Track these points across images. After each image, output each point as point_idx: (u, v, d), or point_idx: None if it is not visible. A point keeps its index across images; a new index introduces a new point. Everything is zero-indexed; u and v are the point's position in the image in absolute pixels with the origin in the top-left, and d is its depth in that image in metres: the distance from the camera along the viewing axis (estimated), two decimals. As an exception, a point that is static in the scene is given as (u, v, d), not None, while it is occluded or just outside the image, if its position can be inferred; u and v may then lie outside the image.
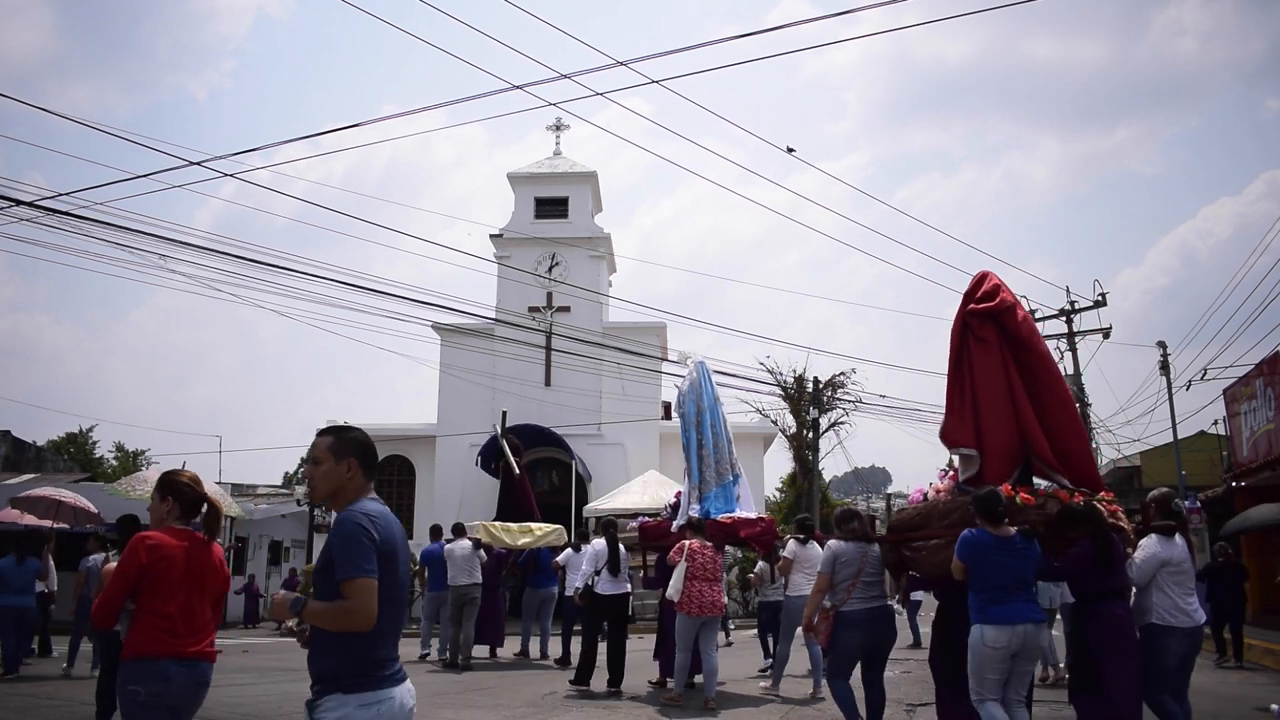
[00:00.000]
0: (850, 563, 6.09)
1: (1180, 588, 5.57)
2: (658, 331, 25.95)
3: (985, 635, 5.03)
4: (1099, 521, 5.34)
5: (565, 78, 9.30)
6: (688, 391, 9.91)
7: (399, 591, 2.91)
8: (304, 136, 23.83)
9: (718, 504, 9.40)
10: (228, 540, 21.62)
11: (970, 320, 6.23)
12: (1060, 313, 23.72)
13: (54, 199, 10.96)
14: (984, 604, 5.10)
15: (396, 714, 2.82)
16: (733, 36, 8.80)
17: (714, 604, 8.23)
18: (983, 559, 5.11)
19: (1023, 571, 5.14)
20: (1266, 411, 16.12)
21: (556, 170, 27.98)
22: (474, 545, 12.12)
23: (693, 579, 8.15)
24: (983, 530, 5.17)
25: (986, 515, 5.16)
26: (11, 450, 29.27)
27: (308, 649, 2.87)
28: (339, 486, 2.95)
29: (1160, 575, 5.57)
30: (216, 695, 8.79)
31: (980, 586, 5.13)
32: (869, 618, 6.07)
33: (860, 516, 6.47)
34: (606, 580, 9.52)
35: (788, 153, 12.48)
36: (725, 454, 9.73)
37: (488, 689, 9.45)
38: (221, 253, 12.37)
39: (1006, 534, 5.16)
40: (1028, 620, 5.04)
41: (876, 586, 6.17)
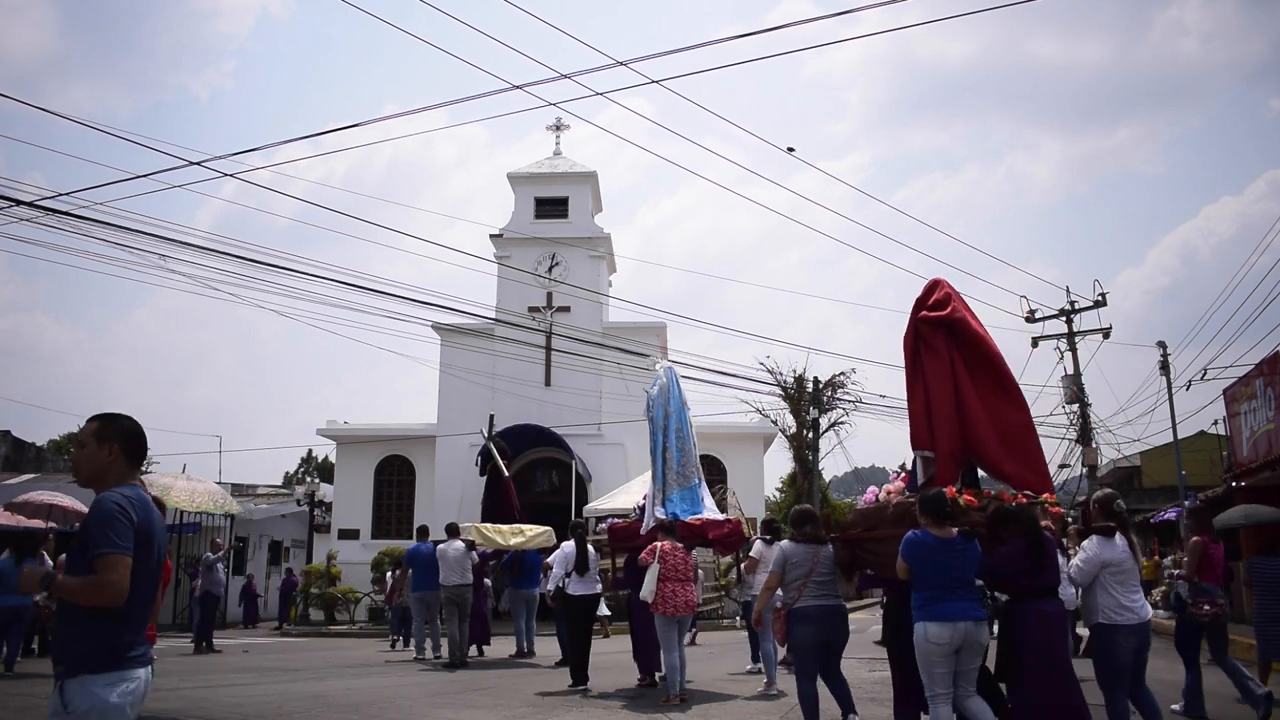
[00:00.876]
0: (801, 564, 6.33)
1: (1123, 586, 5.74)
2: (658, 331, 25.94)
3: (928, 632, 5.23)
4: (1030, 522, 5.50)
5: (565, 78, 9.31)
6: (657, 396, 10.10)
7: (151, 579, 3.01)
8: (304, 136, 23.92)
9: (682, 506, 9.64)
10: (228, 540, 21.63)
11: (921, 328, 6.48)
12: (1060, 313, 23.70)
13: (54, 199, 10.97)
14: (926, 602, 5.30)
15: (140, 694, 2.98)
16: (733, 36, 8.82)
17: (688, 603, 8.45)
18: (925, 559, 5.31)
19: (964, 571, 5.34)
20: (1266, 411, 16.12)
21: (556, 170, 27.98)
22: (467, 546, 12.28)
23: (666, 580, 8.36)
24: (925, 531, 5.37)
25: (931, 516, 5.37)
26: (11, 450, 29.27)
27: (52, 625, 3.06)
28: (100, 469, 3.04)
29: (1103, 575, 5.73)
30: (217, 695, 8.83)
31: (923, 585, 5.33)
32: (821, 614, 6.29)
33: (815, 519, 6.64)
34: (576, 581, 9.77)
35: (788, 152, 12.50)
36: (691, 458, 10.03)
37: (488, 689, 9.45)
38: (221, 253, 12.37)
39: (948, 535, 5.35)
40: (968, 618, 5.23)
41: (829, 585, 6.38)
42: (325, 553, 23.86)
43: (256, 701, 8.31)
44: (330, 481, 32.00)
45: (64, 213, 10.84)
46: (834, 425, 29.35)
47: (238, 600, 23.04)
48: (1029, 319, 23.98)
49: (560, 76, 9.34)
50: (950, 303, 6.48)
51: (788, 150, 12.49)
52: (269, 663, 12.57)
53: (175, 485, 13.49)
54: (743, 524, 10.76)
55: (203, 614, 14.50)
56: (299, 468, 54.84)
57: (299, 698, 8.59)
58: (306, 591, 22.64)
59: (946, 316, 6.40)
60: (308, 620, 22.08)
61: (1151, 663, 6.04)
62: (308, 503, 26.15)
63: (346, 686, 9.54)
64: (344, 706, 8.03)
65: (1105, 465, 29.07)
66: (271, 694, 8.87)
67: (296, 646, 16.30)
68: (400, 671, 11.26)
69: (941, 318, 6.41)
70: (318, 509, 26.96)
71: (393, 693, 9.03)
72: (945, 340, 6.36)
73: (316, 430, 28.69)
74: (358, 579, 22.84)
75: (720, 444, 27.42)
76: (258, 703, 8.23)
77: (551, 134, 28.88)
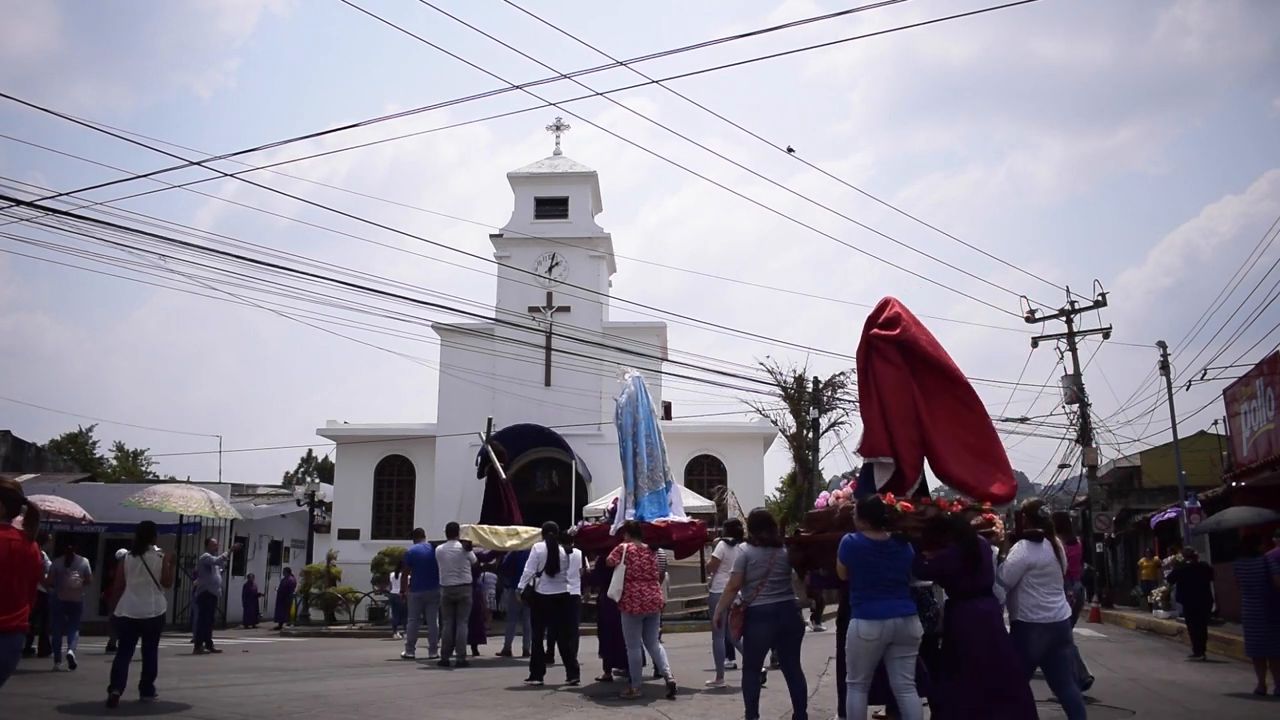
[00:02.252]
0: (759, 564, 6.73)
1: (1045, 588, 6.14)
2: (657, 331, 25.95)
3: (859, 629, 5.67)
4: (964, 529, 6.01)
5: (565, 78, 9.31)
6: (625, 405, 10.47)
7: None
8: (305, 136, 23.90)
9: (651, 509, 10.05)
10: (228, 540, 21.64)
11: (875, 342, 6.88)
12: (1060, 313, 23.71)
13: (54, 199, 10.97)
14: (859, 600, 5.72)
15: None
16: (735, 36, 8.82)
17: (654, 601, 8.80)
18: (860, 560, 5.72)
19: (896, 571, 5.73)
20: (1266, 411, 16.11)
21: (556, 170, 27.98)
22: (465, 547, 12.47)
23: (632, 579, 8.69)
24: (861, 535, 5.78)
25: (868, 520, 5.79)
26: (11, 450, 29.25)
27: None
28: None
29: (1027, 577, 6.14)
30: (217, 695, 8.82)
31: (857, 584, 5.75)
32: (776, 611, 6.70)
33: (771, 524, 7.10)
34: (546, 581, 10.03)
35: (787, 152, 12.50)
36: (659, 462, 10.40)
37: (488, 689, 9.45)
38: (221, 253, 12.37)
39: (882, 538, 5.75)
40: (897, 615, 5.62)
41: (784, 584, 6.80)
42: (325, 553, 23.86)
43: (256, 701, 8.31)
44: (330, 481, 32.01)
45: (64, 213, 10.84)
46: (834, 425, 29.39)
47: (239, 600, 23.03)
48: (1029, 319, 23.99)
49: (560, 76, 9.34)
50: (900, 321, 6.88)
51: (787, 150, 12.49)
52: (269, 663, 12.57)
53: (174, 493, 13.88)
54: (706, 527, 11.05)
55: (202, 614, 14.52)
56: (299, 468, 54.87)
57: (299, 698, 8.58)
58: (306, 591, 22.63)
59: (897, 336, 6.80)
60: (308, 620, 22.08)
61: (1150, 661, 6.14)
62: (308, 503, 26.12)
63: (346, 686, 9.54)
64: (344, 706, 8.03)
65: (1105, 465, 29.06)
66: (271, 694, 8.87)
67: (296, 646, 16.30)
68: (400, 671, 11.26)
69: (892, 336, 6.82)
70: (318, 509, 26.94)
71: (393, 693, 9.03)
72: (898, 353, 6.76)
73: (316, 430, 28.70)
74: (358, 579, 22.84)
75: (720, 444, 27.44)
76: (258, 703, 8.23)
77: (552, 134, 28.95)
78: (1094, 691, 8.60)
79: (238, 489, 27.73)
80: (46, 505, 15.10)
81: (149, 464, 45.36)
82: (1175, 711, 7.81)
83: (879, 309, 7.12)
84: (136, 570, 8.51)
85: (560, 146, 28.97)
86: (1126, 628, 19.03)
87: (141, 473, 42.89)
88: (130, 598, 8.43)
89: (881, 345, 6.84)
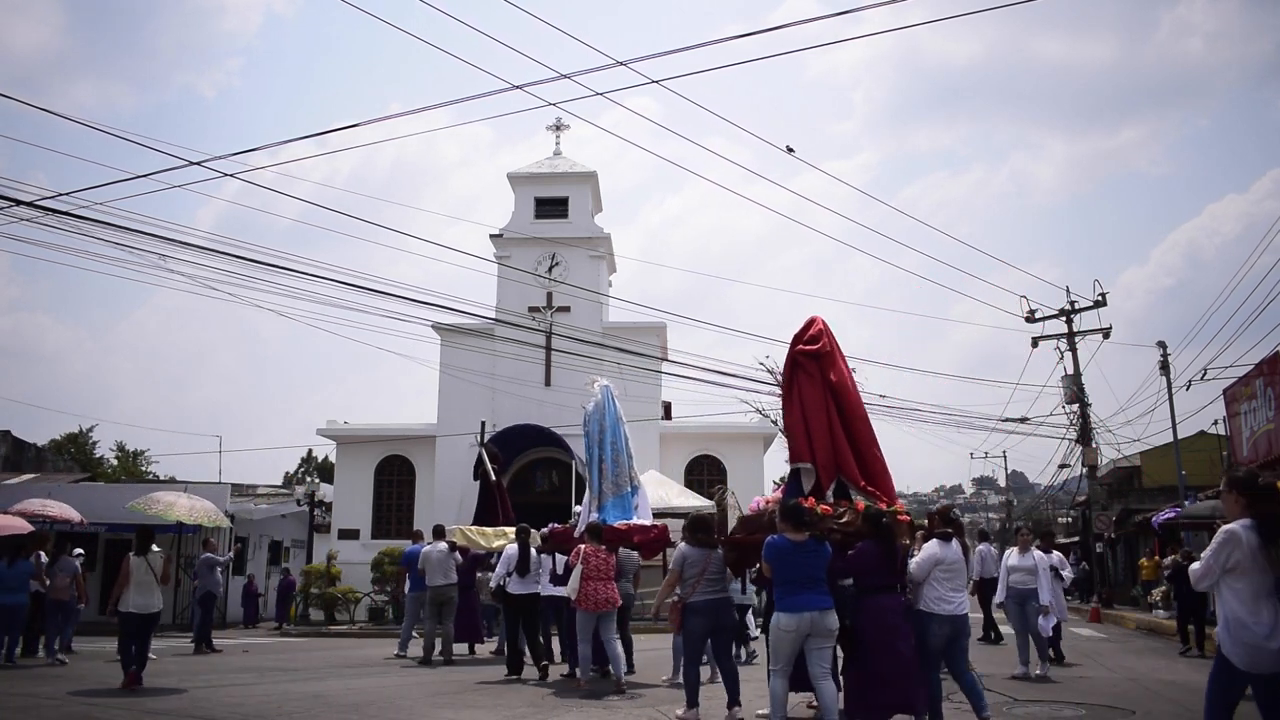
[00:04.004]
0: (696, 563, 7.34)
1: (949, 583, 6.64)
2: (658, 331, 25.94)
3: (780, 621, 6.13)
4: (887, 530, 6.56)
5: (565, 78, 9.31)
6: (593, 413, 11.00)
7: None
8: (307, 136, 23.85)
9: (615, 513, 10.56)
10: (229, 542, 21.64)
11: (799, 358, 7.51)
12: (1060, 313, 23.70)
13: (54, 199, 10.95)
14: (780, 595, 6.20)
15: None
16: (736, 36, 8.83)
17: (608, 600, 9.21)
18: (782, 559, 6.18)
19: (814, 569, 6.18)
20: (1266, 411, 16.12)
21: (556, 170, 27.98)
22: (450, 548, 12.71)
23: (588, 579, 9.11)
24: (782, 536, 6.24)
25: (789, 522, 6.25)
26: (11, 450, 29.25)
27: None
28: None
29: (935, 572, 6.62)
30: (217, 695, 8.82)
31: (779, 581, 6.22)
32: (711, 607, 7.33)
33: (709, 526, 7.68)
34: (516, 581, 10.51)
35: (787, 152, 12.49)
36: (624, 468, 10.94)
37: (488, 689, 9.46)
38: (221, 253, 12.35)
39: (802, 539, 6.20)
40: (814, 609, 6.08)
41: (719, 582, 7.42)
42: (325, 553, 23.86)
43: (256, 701, 8.31)
44: (330, 481, 32.00)
45: (64, 213, 10.82)
46: (834, 425, 29.27)
47: (239, 600, 23.03)
48: (1029, 319, 23.99)
49: (560, 76, 9.34)
50: (822, 339, 7.57)
51: (787, 150, 12.49)
52: (269, 663, 12.57)
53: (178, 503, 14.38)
54: (668, 529, 11.34)
55: (203, 614, 14.54)
56: (299, 468, 54.86)
57: (299, 698, 8.58)
58: (306, 591, 22.63)
59: (818, 350, 7.49)
60: (308, 620, 22.08)
61: (1149, 661, 6.20)
62: (308, 503, 26.11)
63: (346, 686, 9.54)
64: (344, 706, 8.03)
65: (1105, 465, 29.05)
66: (271, 694, 8.87)
67: (296, 646, 16.30)
68: (400, 671, 11.26)
69: (815, 351, 7.49)
70: (318, 509, 26.93)
71: (393, 693, 9.04)
72: (819, 369, 7.41)
73: (316, 430, 28.69)
74: (358, 579, 22.83)
75: (720, 444, 27.43)
76: (258, 703, 8.23)
77: (552, 134, 28.94)
78: (1095, 691, 8.60)
79: (238, 489, 27.71)
80: (47, 510, 15.49)
81: (149, 464, 45.33)
82: (1175, 711, 7.81)
83: (805, 327, 7.74)
84: (140, 570, 9.39)
85: (560, 146, 28.98)
86: (1126, 628, 19.03)
87: (141, 473, 42.84)
88: (133, 594, 9.29)
89: (805, 361, 7.48)
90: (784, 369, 7.70)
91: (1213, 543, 4.58)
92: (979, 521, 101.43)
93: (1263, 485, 4.53)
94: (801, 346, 7.58)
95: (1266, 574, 4.38)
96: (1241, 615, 4.41)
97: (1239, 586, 4.42)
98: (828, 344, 7.56)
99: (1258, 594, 4.39)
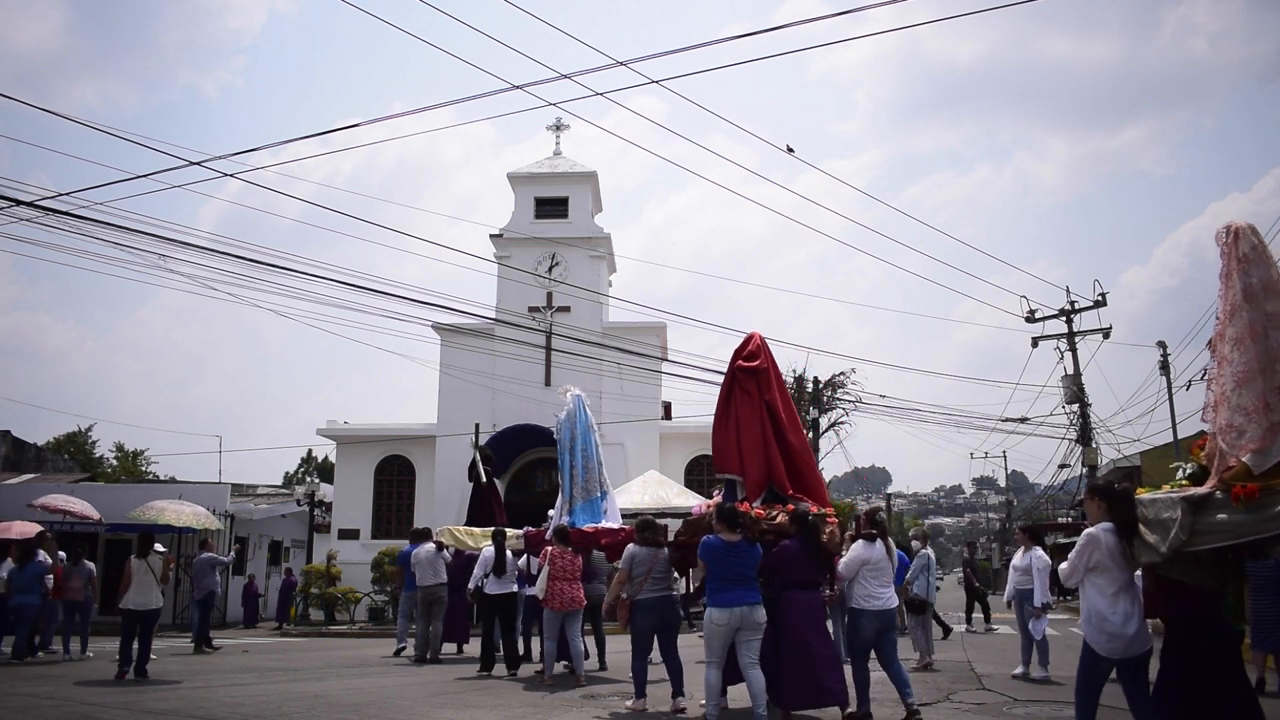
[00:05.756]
0: (643, 563, 7.80)
1: (875, 581, 7.12)
2: (658, 331, 25.93)
3: (712, 615, 6.61)
4: (813, 529, 7.09)
5: (565, 78, 9.30)
6: (564, 420, 11.48)
7: None
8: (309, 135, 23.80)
9: (584, 516, 11.02)
10: (229, 543, 21.63)
11: (738, 374, 7.92)
12: (1060, 313, 23.69)
13: (54, 199, 10.95)
14: (713, 592, 6.68)
15: None
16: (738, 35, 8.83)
17: (574, 599, 9.66)
18: (715, 558, 6.68)
19: (745, 568, 6.68)
20: (1266, 411, 16.09)
21: (556, 170, 27.97)
22: (437, 548, 12.96)
23: (554, 579, 9.57)
24: (716, 537, 6.75)
25: (724, 524, 6.76)
26: (11, 450, 29.26)
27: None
28: None
29: (862, 571, 7.12)
30: (217, 695, 8.82)
31: (713, 578, 6.71)
32: (657, 604, 7.79)
33: (654, 527, 8.14)
34: (494, 582, 11.03)
35: (787, 152, 12.49)
36: (594, 474, 11.38)
37: (487, 689, 9.46)
38: (222, 253, 12.35)
39: (735, 539, 6.70)
40: (744, 603, 6.56)
41: (664, 580, 7.91)
42: (325, 553, 23.85)
43: (256, 701, 8.31)
44: (330, 481, 31.98)
45: (64, 213, 10.82)
46: (834, 425, 29.31)
47: (240, 600, 23.02)
48: (1029, 319, 23.97)
49: (561, 76, 9.34)
50: (760, 355, 7.99)
51: (787, 150, 12.49)
52: (269, 663, 12.57)
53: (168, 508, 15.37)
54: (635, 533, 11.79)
55: (201, 614, 14.58)
56: (299, 468, 54.78)
57: (299, 698, 8.58)
58: (307, 591, 22.62)
59: (756, 367, 7.89)
60: (308, 620, 22.08)
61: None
62: (308, 503, 26.09)
63: (346, 686, 9.54)
64: (344, 706, 8.03)
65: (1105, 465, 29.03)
66: (271, 694, 8.87)
67: (296, 646, 16.30)
68: (400, 671, 11.27)
69: (753, 368, 7.89)
70: (318, 509, 26.91)
71: (393, 693, 9.04)
72: (757, 388, 7.83)
73: (316, 430, 28.66)
74: (358, 579, 22.82)
75: (720, 444, 27.40)
76: (258, 703, 8.23)
77: (552, 134, 28.92)
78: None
79: (238, 489, 27.73)
80: (67, 506, 15.94)
81: (149, 464, 45.25)
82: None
83: (743, 345, 8.15)
84: (141, 571, 10.32)
85: (560, 146, 28.97)
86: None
87: (141, 473, 42.76)
88: (134, 593, 10.22)
89: (742, 378, 7.90)
90: (723, 384, 8.14)
91: (1077, 545, 5.24)
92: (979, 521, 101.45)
93: (1119, 491, 5.22)
94: (740, 363, 7.99)
95: (1124, 571, 5.07)
96: (1101, 607, 5.06)
97: (1100, 582, 5.09)
98: (765, 361, 7.96)
99: (1117, 588, 5.05)
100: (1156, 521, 4.97)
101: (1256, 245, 5.20)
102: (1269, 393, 4.89)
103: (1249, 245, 5.18)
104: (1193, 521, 4.82)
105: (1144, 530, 5.01)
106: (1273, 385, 4.90)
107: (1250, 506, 4.70)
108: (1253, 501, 4.69)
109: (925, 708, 7.83)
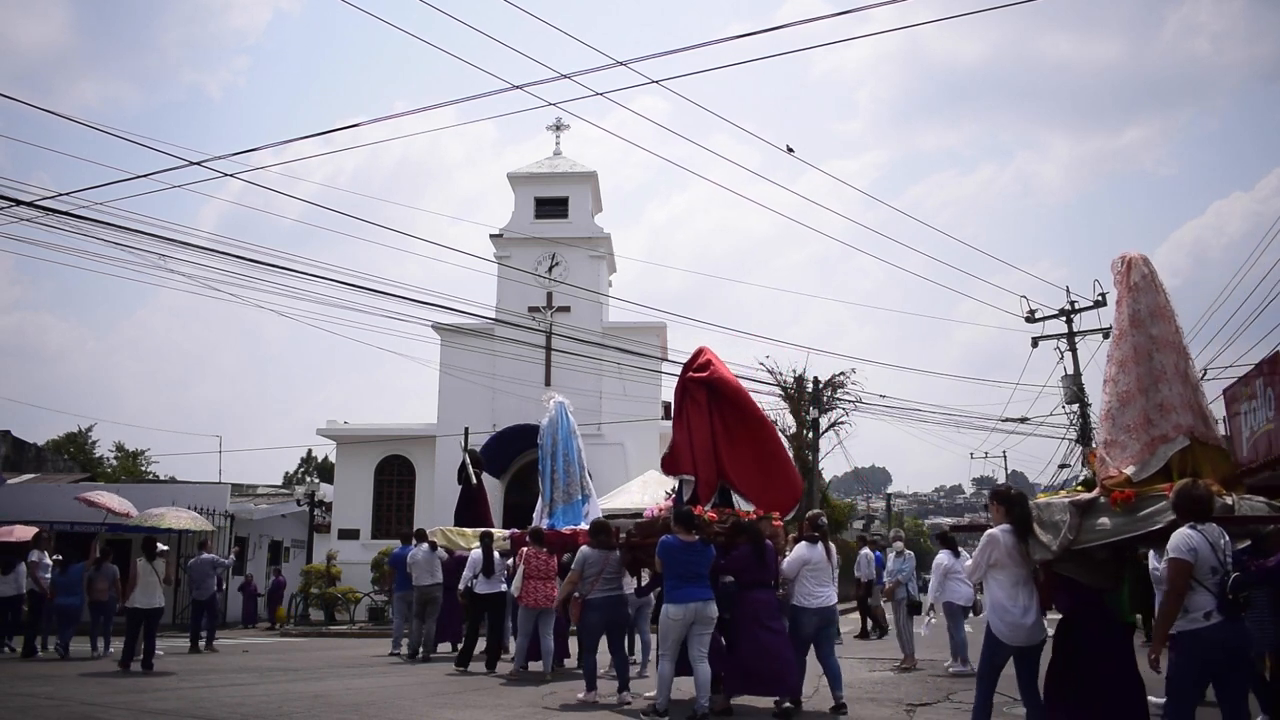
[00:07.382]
0: (595, 564, 8.20)
1: (815, 580, 7.59)
2: (658, 331, 25.93)
3: (668, 611, 7.06)
4: (755, 533, 7.65)
5: (566, 78, 9.31)
6: (547, 427, 11.93)
7: None
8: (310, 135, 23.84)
9: (565, 519, 11.41)
10: (228, 541, 21.63)
11: (688, 384, 8.51)
12: (1060, 313, 23.68)
13: (54, 199, 10.95)
14: (670, 589, 7.12)
15: None
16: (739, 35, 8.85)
17: (547, 598, 9.91)
18: (672, 557, 7.13)
19: (700, 567, 7.16)
20: (1266, 411, 16.08)
21: (556, 170, 27.96)
22: (431, 548, 13.15)
23: (529, 578, 9.88)
24: (674, 537, 7.20)
25: (680, 525, 7.24)
26: (11, 450, 29.23)
27: None
28: None
29: (803, 571, 7.58)
30: (216, 695, 8.82)
31: (669, 576, 7.15)
32: (607, 603, 8.22)
33: (608, 530, 8.51)
34: (483, 582, 11.36)
35: (787, 152, 12.49)
36: (575, 478, 11.81)
37: (487, 689, 9.46)
38: (222, 253, 12.36)
39: (691, 540, 7.17)
40: (698, 599, 7.03)
41: (615, 581, 8.34)
42: (325, 553, 23.85)
43: (257, 701, 8.31)
44: (330, 481, 31.99)
45: (65, 213, 10.82)
46: (834, 425, 29.31)
47: (238, 600, 23.00)
48: (1029, 319, 23.97)
49: (561, 76, 9.34)
50: (710, 366, 8.53)
51: (787, 150, 12.49)
52: (269, 663, 12.57)
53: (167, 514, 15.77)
54: None
55: (198, 614, 14.61)
56: (299, 468, 54.76)
57: (299, 698, 8.58)
58: (307, 591, 22.62)
59: (707, 378, 8.47)
60: (308, 620, 22.08)
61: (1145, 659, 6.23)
62: (308, 503, 26.09)
63: (346, 686, 9.54)
64: (344, 706, 8.03)
65: (1105, 465, 29.01)
66: (271, 694, 8.88)
67: (296, 646, 16.30)
68: (400, 671, 11.27)
69: (703, 378, 8.47)
70: (318, 509, 26.91)
71: (393, 693, 9.04)
72: (706, 396, 8.40)
73: (316, 430, 28.67)
74: (358, 579, 22.83)
75: (720, 444, 27.38)
76: (258, 703, 8.23)
77: (552, 134, 28.92)
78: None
79: (238, 489, 27.70)
80: (102, 500, 16.56)
81: (149, 464, 45.24)
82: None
83: (694, 357, 8.72)
84: (145, 572, 11.22)
85: (560, 146, 28.96)
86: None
87: (141, 473, 42.75)
88: (140, 593, 11.07)
89: (693, 388, 8.43)
90: (675, 394, 8.74)
91: (979, 544, 5.77)
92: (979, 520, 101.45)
93: (1014, 495, 5.82)
94: (690, 374, 8.54)
95: (1021, 567, 5.59)
96: (1002, 600, 5.57)
97: (1000, 578, 5.61)
98: (715, 373, 8.52)
99: (1016, 583, 5.57)
100: (1050, 523, 5.53)
101: (1147, 274, 5.89)
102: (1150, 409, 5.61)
103: (1140, 275, 5.87)
104: (1079, 523, 5.41)
105: (1038, 530, 5.56)
106: (1154, 403, 5.61)
107: (1127, 510, 5.34)
108: (1129, 505, 5.33)
109: (925, 708, 7.90)
